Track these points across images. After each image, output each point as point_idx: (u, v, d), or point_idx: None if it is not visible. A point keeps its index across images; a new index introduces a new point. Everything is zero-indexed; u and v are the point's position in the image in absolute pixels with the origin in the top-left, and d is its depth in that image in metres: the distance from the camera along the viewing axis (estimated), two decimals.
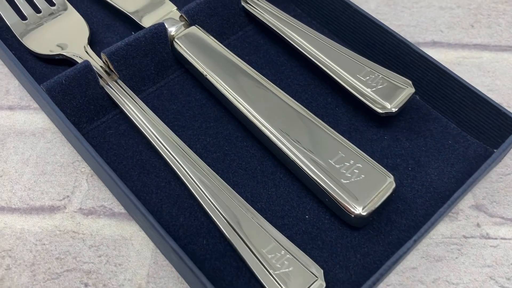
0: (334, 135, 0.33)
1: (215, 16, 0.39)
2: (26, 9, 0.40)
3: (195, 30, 0.37)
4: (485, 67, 0.41)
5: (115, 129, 0.36)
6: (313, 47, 0.37)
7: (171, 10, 0.39)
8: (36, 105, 0.38)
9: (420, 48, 0.40)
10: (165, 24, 0.37)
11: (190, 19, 0.38)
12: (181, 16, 0.38)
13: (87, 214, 0.33)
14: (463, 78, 0.37)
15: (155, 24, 0.37)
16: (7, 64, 0.40)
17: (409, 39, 0.42)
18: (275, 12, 0.40)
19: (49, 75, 0.38)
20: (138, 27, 0.39)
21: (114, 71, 0.36)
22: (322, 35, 0.38)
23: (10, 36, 0.40)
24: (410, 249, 0.29)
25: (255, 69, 0.38)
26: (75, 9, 0.41)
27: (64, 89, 0.34)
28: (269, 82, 0.35)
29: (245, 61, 0.39)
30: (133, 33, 0.41)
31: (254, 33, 0.41)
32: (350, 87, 0.35)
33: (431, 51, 0.42)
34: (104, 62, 0.36)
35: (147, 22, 0.38)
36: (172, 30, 0.37)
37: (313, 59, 0.37)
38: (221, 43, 0.40)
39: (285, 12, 0.41)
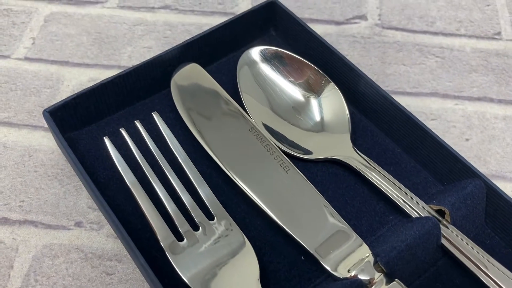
0: None
1: (413, 261, 0.32)
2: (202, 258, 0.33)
3: (396, 286, 0.31)
4: None
5: None
6: None
7: (365, 256, 0.32)
8: None
9: None
10: (360, 277, 0.31)
11: (390, 269, 0.31)
12: (376, 263, 0.32)
13: None
14: None
15: (353, 282, 0.30)
16: None
17: None
18: (470, 246, 0.33)
19: None
20: (310, 256, 0.33)
21: None
22: None
23: (159, 255, 0.34)
24: None
25: None
26: (226, 209, 0.35)
27: None
28: None
29: None
30: (303, 258, 0.35)
31: (447, 267, 0.34)
32: None
33: None
34: None
35: (339, 268, 0.32)
36: (366, 281, 0.31)
37: None
38: (412, 283, 0.33)
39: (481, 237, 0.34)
